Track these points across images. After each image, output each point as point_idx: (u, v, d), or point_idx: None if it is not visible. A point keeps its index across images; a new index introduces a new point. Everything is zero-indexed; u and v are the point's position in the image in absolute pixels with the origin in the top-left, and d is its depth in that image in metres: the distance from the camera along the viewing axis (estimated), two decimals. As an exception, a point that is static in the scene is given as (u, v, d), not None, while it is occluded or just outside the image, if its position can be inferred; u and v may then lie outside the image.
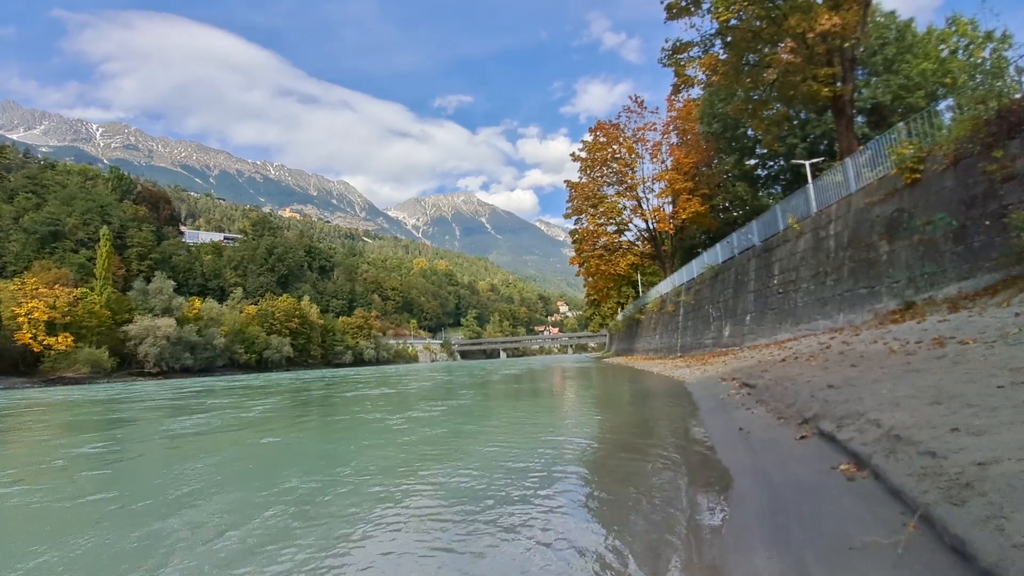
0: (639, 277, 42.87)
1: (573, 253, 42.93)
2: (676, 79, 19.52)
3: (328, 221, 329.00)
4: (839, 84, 15.75)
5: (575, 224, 38.18)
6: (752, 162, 30.66)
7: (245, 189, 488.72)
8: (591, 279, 42.80)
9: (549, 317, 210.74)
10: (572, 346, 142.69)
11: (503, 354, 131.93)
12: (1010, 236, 7.58)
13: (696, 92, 27.09)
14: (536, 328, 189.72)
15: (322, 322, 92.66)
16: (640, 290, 43.20)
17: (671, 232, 33.91)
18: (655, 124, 34.30)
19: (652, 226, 34.90)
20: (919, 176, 9.83)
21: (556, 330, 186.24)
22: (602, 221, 35.66)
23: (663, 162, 33.73)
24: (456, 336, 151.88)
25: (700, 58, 18.03)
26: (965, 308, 7.24)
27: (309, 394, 17.27)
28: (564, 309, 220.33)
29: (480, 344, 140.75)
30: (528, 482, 3.87)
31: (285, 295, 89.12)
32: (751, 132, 26.46)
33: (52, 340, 46.42)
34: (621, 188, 34.80)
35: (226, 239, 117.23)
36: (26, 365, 45.40)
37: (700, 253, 25.92)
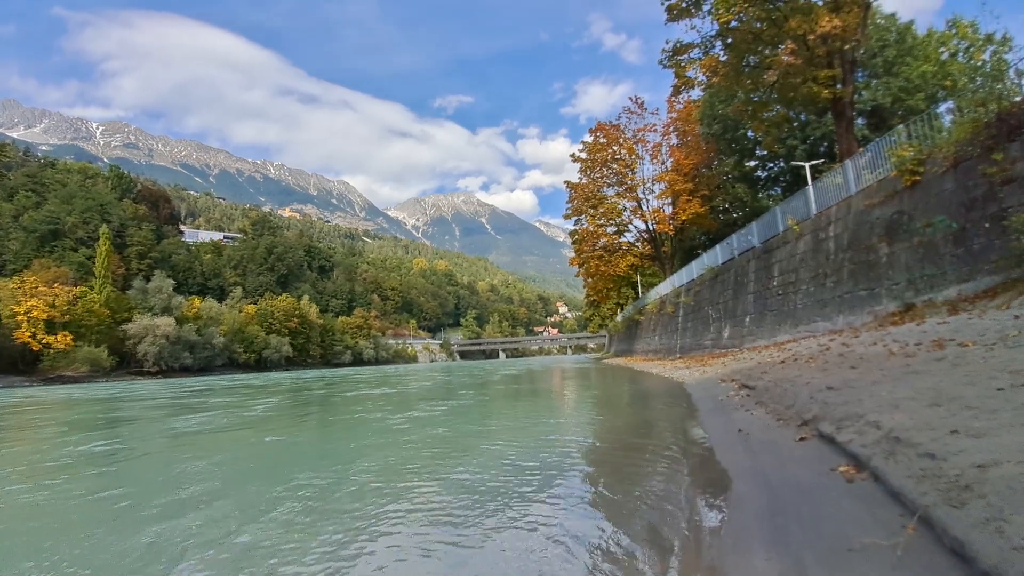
0: (639, 278, 42.86)
1: (573, 254, 42.96)
2: (676, 80, 19.54)
3: (328, 221, 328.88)
4: (839, 86, 15.76)
5: (575, 225, 38.20)
6: (752, 164, 30.70)
7: (245, 188, 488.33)
8: (591, 280, 42.81)
9: (548, 318, 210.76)
10: (571, 347, 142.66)
11: (502, 355, 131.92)
12: (1010, 239, 7.58)
13: (696, 93, 27.24)
14: (535, 329, 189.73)
15: (321, 322, 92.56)
16: (640, 291, 43.17)
17: (671, 233, 33.92)
18: (655, 125, 34.37)
19: (652, 227, 34.90)
20: (919, 178, 9.84)
21: (555, 331, 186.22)
22: (602, 222, 35.65)
23: (663, 163, 33.75)
24: (455, 336, 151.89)
25: (700, 59, 18.05)
26: (965, 310, 7.24)
27: (310, 393, 17.27)
28: (563, 310, 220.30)
29: (479, 344, 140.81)
30: (528, 482, 3.89)
31: (285, 295, 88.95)
32: (751, 134, 26.49)
33: (51, 339, 46.32)
34: (621, 189, 34.79)
35: (226, 238, 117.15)
36: (25, 364, 45.34)
37: (700, 254, 25.87)
